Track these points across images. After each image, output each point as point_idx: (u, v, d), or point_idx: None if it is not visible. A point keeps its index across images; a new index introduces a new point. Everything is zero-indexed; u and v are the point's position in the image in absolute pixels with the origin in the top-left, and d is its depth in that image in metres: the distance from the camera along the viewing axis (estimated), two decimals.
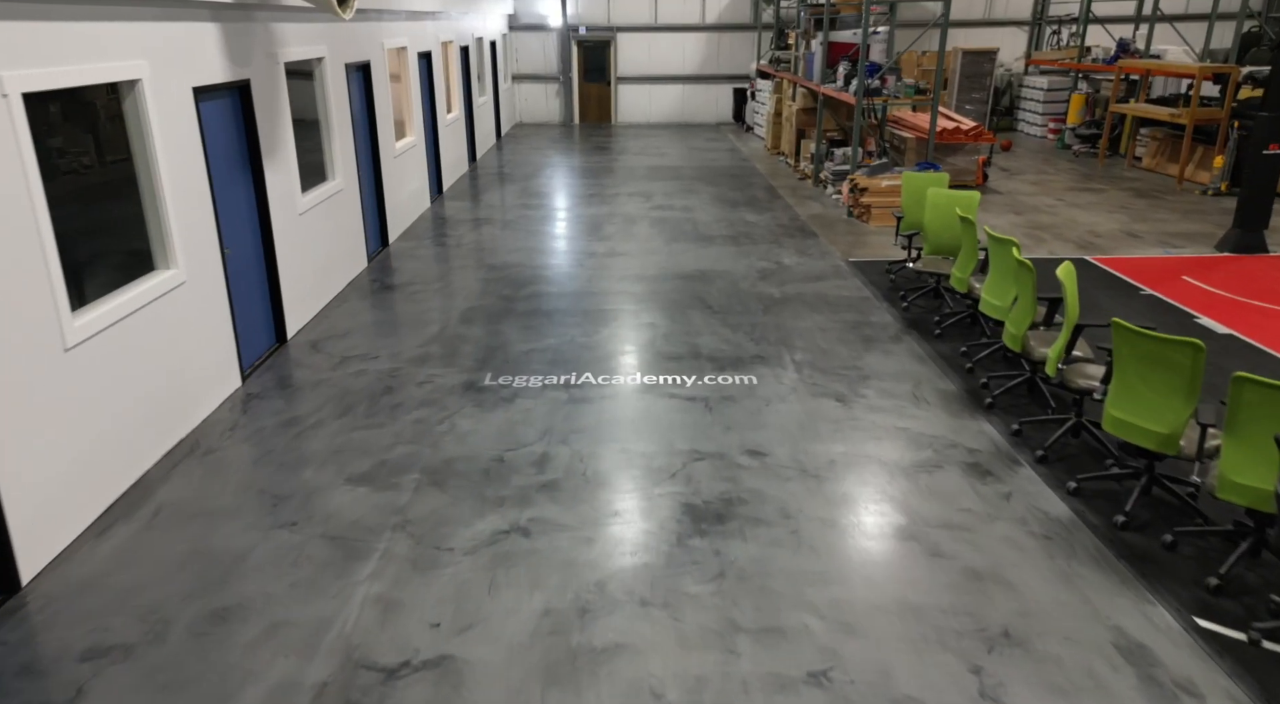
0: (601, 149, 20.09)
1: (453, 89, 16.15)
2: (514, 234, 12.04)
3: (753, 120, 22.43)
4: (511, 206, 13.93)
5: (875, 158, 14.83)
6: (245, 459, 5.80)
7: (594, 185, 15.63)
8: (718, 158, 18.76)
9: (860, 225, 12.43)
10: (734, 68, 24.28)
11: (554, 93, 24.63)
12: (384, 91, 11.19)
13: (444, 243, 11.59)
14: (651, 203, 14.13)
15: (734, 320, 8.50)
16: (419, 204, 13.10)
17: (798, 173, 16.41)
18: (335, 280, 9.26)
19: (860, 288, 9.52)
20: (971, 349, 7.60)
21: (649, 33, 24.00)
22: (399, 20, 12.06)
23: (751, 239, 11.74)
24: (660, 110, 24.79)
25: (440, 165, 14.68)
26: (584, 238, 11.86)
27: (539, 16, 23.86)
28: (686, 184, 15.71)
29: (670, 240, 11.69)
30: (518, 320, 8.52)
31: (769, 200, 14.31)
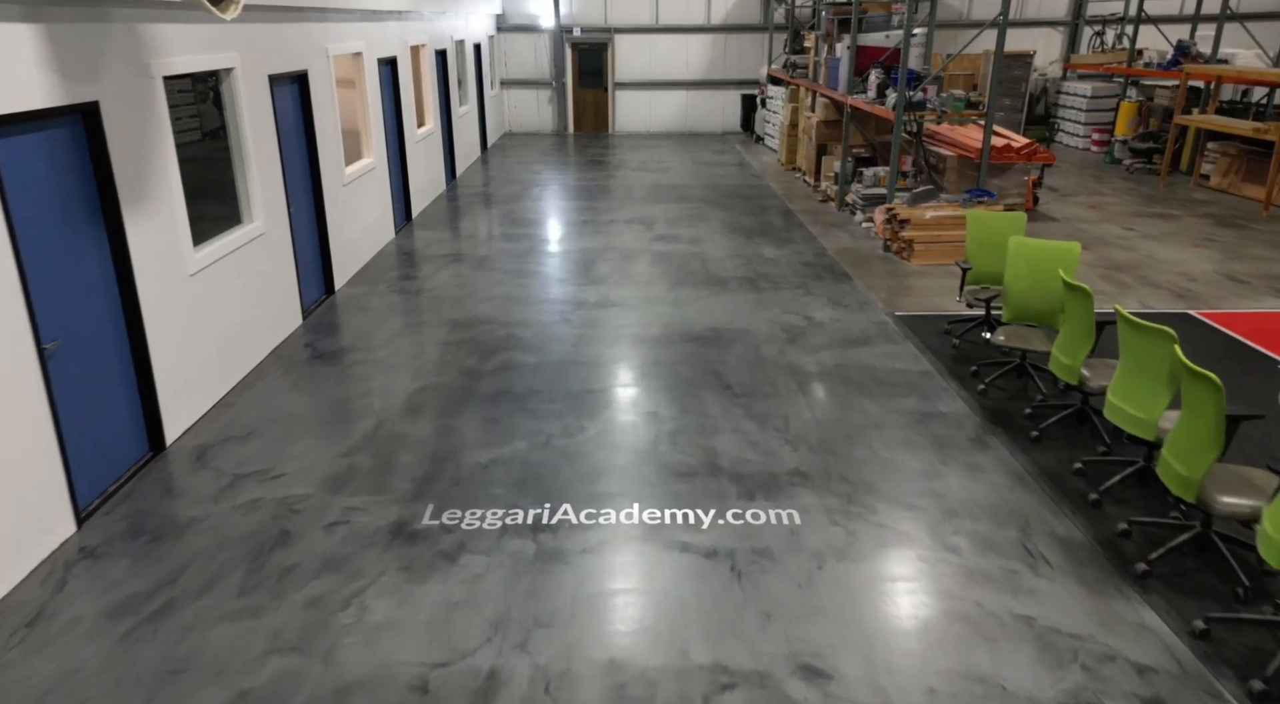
0: (597, 163, 18.13)
1: (426, 99, 14.19)
2: (489, 275, 10.07)
3: (763, 130, 20.47)
4: (490, 238, 11.96)
5: (910, 179, 12.87)
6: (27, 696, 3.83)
7: (587, 209, 13.66)
8: (726, 174, 16.79)
9: (900, 264, 10.46)
10: (742, 72, 22.32)
11: (546, 99, 22.68)
12: (328, 107, 9.23)
13: (403, 288, 9.61)
14: (653, 232, 12.16)
15: (761, 408, 6.53)
16: (378, 238, 11.13)
17: (818, 194, 14.44)
18: (249, 351, 7.29)
19: (916, 356, 7.55)
20: (1091, 467, 5.61)
21: (649, 34, 22.05)
22: (350, 21, 10.10)
23: (772, 282, 9.77)
24: (662, 118, 22.83)
25: (408, 189, 12.71)
26: (573, 280, 9.89)
27: (529, 17, 21.91)
28: (692, 207, 13.74)
29: (675, 284, 9.72)
30: (479, 409, 6.55)
31: (788, 228, 12.34)
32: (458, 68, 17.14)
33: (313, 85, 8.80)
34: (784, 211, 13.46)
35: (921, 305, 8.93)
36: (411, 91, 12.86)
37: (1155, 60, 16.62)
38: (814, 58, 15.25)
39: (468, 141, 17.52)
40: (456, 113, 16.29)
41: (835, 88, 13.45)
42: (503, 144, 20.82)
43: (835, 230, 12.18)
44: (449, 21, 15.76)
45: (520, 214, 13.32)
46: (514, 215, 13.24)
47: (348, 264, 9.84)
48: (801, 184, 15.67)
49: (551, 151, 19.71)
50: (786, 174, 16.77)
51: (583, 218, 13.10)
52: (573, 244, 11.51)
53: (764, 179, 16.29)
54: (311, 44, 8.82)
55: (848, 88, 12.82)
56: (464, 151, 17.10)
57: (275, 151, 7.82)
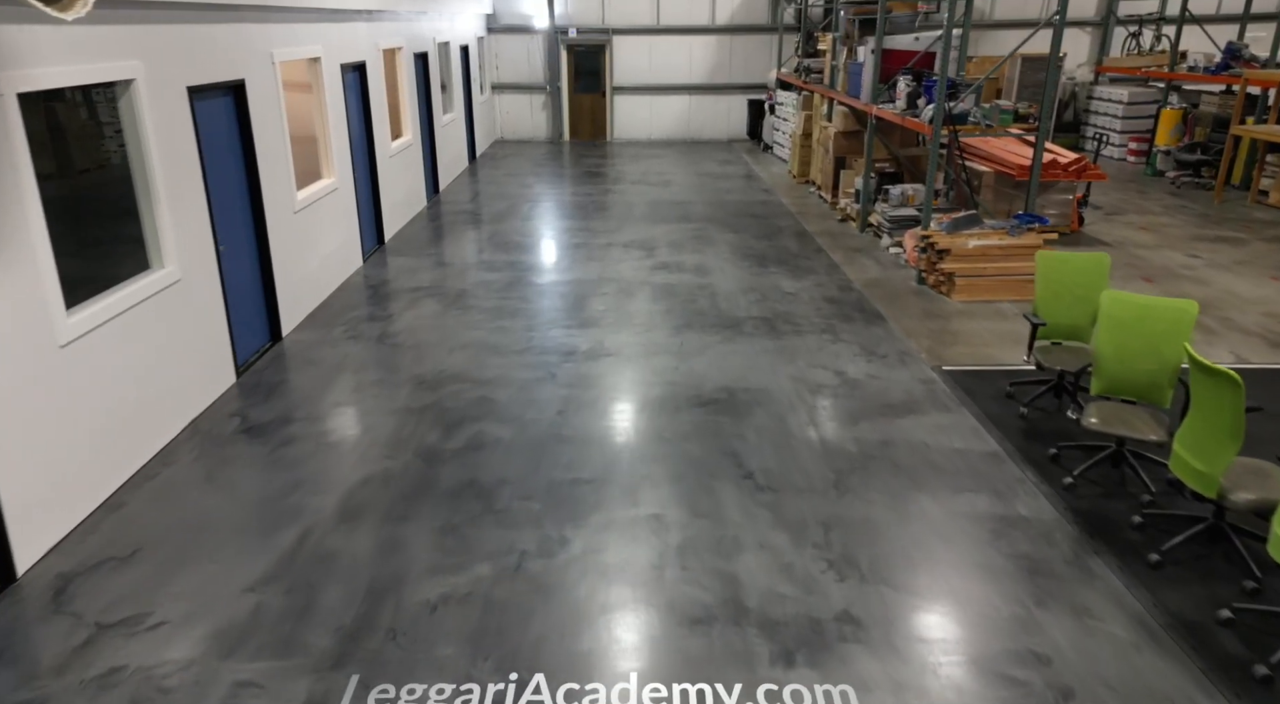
0: (593, 175, 16.76)
1: (404, 108, 12.83)
2: (465, 316, 8.70)
3: (772, 138, 19.11)
4: (470, 266, 10.58)
5: (942, 198, 11.50)
6: None
7: (581, 230, 12.30)
8: (734, 187, 15.42)
9: (939, 300, 9.08)
10: (749, 76, 20.95)
11: (540, 105, 21.31)
12: (273, 123, 7.86)
13: (364, 332, 8.24)
14: (654, 259, 10.79)
15: (792, 509, 5.16)
16: (341, 269, 9.76)
17: (837, 212, 13.07)
18: (154, 430, 5.93)
19: (977, 430, 6.18)
20: (1245, 617, 4.21)
21: (650, 35, 20.68)
22: (304, 21, 8.73)
23: (793, 324, 8.40)
24: (663, 125, 21.46)
25: (379, 210, 11.34)
26: (561, 322, 8.52)
27: (522, 17, 20.55)
28: (698, 228, 12.37)
29: (681, 326, 8.36)
30: (436, 510, 5.18)
31: (806, 254, 10.97)
32: (442, 72, 15.78)
33: (253, 98, 7.43)
34: (799, 233, 12.09)
35: (973, 356, 7.55)
36: (384, 100, 11.49)
37: (1201, 64, 15.24)
38: (831, 62, 13.89)
39: (453, 152, 16.16)
40: (439, 122, 14.93)
41: (857, 96, 12.08)
42: (493, 153, 19.45)
43: (859, 257, 10.81)
44: (431, 22, 14.40)
45: (507, 236, 11.95)
46: (500, 237, 11.87)
47: (300, 304, 8.47)
48: (816, 200, 14.30)
49: (545, 162, 18.35)
50: (799, 188, 15.40)
51: (576, 240, 11.74)
52: (564, 274, 10.14)
53: (775, 194, 14.93)
54: (250, 48, 7.45)
55: (872, 96, 11.46)
56: (449, 163, 15.74)
57: (198, 180, 6.45)
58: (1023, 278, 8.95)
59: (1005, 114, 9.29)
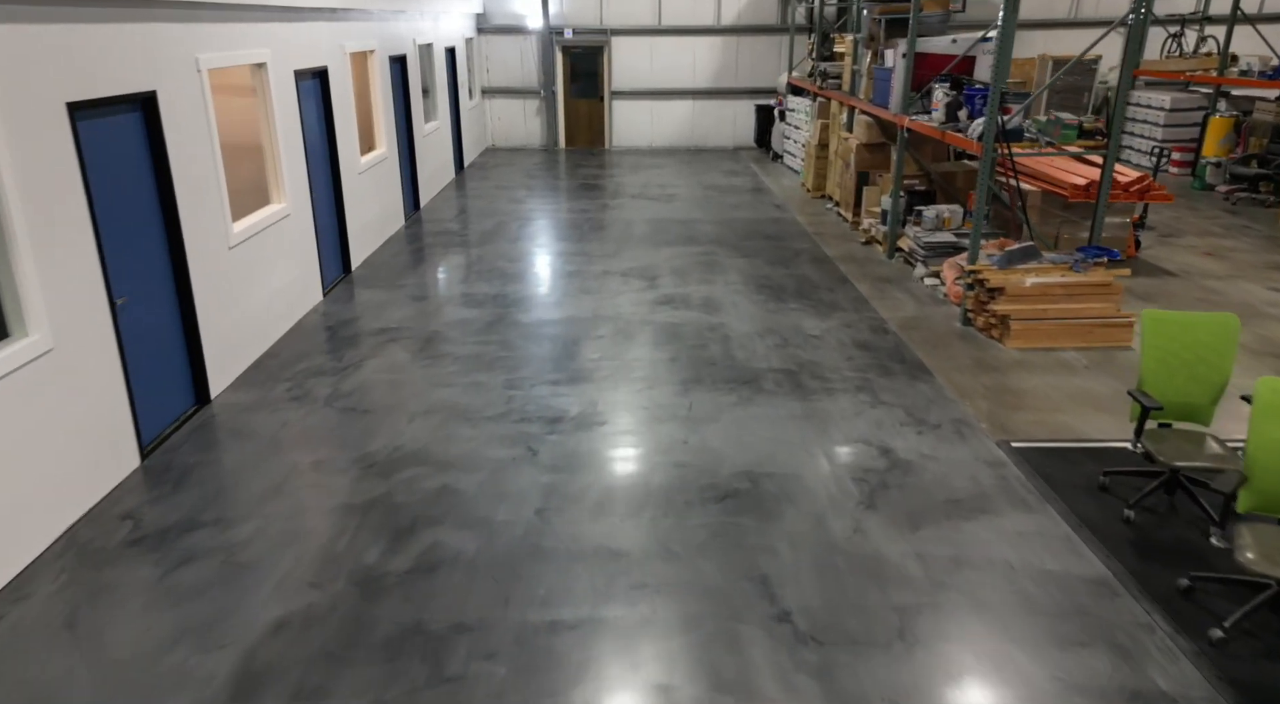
0: (590, 187, 15.42)
1: (377, 118, 11.49)
2: (434, 368, 7.37)
3: (782, 147, 17.77)
4: (447, 300, 9.24)
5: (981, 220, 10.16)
6: None
7: (575, 254, 10.96)
8: (743, 203, 14.08)
9: (992, 347, 7.75)
10: (756, 80, 19.61)
11: (534, 110, 19.98)
12: (196, 145, 6.52)
13: (310, 392, 6.90)
14: (657, 290, 9.46)
15: (848, 681, 3.81)
16: (292, 308, 8.43)
17: (860, 233, 11.72)
18: (20, 542, 4.59)
19: (1070, 541, 4.83)
20: None
21: (651, 36, 19.35)
22: (244, 20, 7.39)
23: (823, 378, 7.07)
24: (665, 132, 20.11)
25: (345, 235, 10.00)
26: (548, 375, 7.18)
27: (514, 17, 19.21)
28: (705, 252, 11.04)
29: (689, 381, 7.02)
30: (364, 681, 3.82)
31: (830, 285, 9.63)
32: (425, 77, 14.45)
33: (168, 113, 6.09)
34: (819, 259, 10.75)
35: (1045, 427, 6.21)
36: (351, 110, 10.15)
37: (1255, 67, 13.90)
38: (852, 67, 12.54)
39: (437, 163, 14.82)
40: (421, 131, 13.59)
41: (884, 105, 10.74)
42: (483, 162, 18.11)
43: (890, 289, 9.47)
44: (410, 22, 13.07)
45: (492, 261, 10.61)
46: (484, 263, 10.53)
47: (237, 355, 7.13)
48: (835, 218, 12.96)
49: (538, 172, 17.00)
50: (814, 203, 14.06)
51: (569, 267, 10.40)
52: (554, 310, 8.80)
53: (788, 210, 13.58)
54: (165, 54, 6.11)
55: (902, 106, 10.12)
56: (432, 176, 14.40)
57: (83, 219, 5.12)
58: (1090, 322, 7.61)
59: (1069, 129, 7.94)
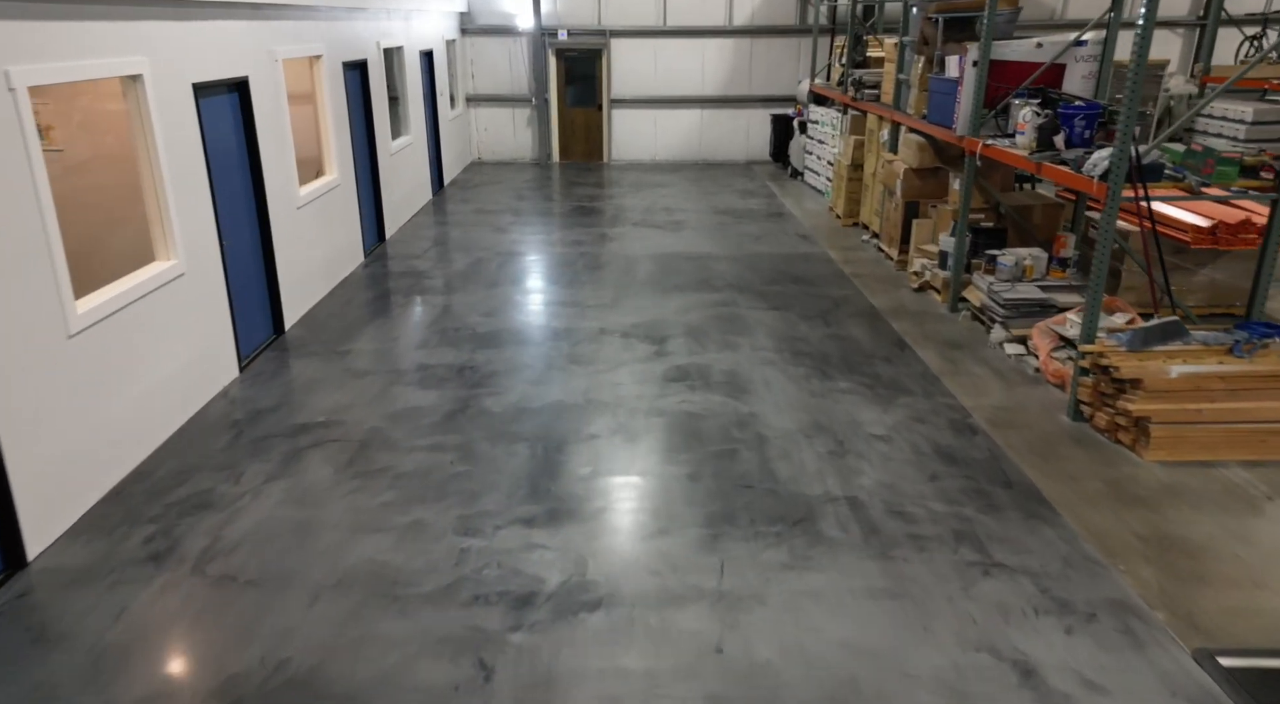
0: (586, 212, 13.41)
1: (325, 138, 9.49)
2: (362, 495, 5.36)
3: (803, 162, 15.75)
4: (395, 377, 7.22)
5: (1070, 268, 8.17)
6: None
7: (565, 306, 8.95)
8: (764, 233, 12.07)
9: (1122, 457, 5.74)
10: (772, 86, 17.61)
11: (524, 120, 17.98)
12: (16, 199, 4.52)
13: (176, 546, 4.87)
14: (667, 360, 7.45)
15: None
16: (186, 399, 6.41)
17: (911, 277, 9.70)
18: None
19: None
20: None
21: (655, 38, 17.35)
22: (111, 18, 5.38)
23: (903, 514, 5.06)
24: (670, 144, 18.11)
25: (276, 288, 7.98)
26: (519, 509, 5.17)
27: (502, 16, 17.22)
28: (723, 300, 9.03)
29: (718, 519, 5.00)
30: None
31: (885, 351, 7.63)
32: (395, 85, 12.45)
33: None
34: (865, 313, 8.74)
35: (1253, 618, 4.19)
36: (286, 131, 8.15)
37: None
38: (896, 75, 10.52)
39: (408, 186, 12.81)
40: (386, 150, 11.59)
41: (947, 124, 8.72)
42: (467, 180, 16.10)
43: (963, 360, 7.46)
44: (373, 22, 11.07)
45: (462, 317, 8.61)
46: (452, 320, 8.52)
47: (81, 487, 5.12)
48: (874, 253, 10.95)
49: (528, 192, 14.99)
50: (847, 233, 12.05)
51: (557, 323, 8.40)
52: (533, 392, 6.78)
53: (816, 242, 11.58)
54: None
55: (972, 126, 8.11)
56: (401, 201, 12.39)
57: None
58: (1263, 426, 5.60)
59: (1226, 164, 5.92)
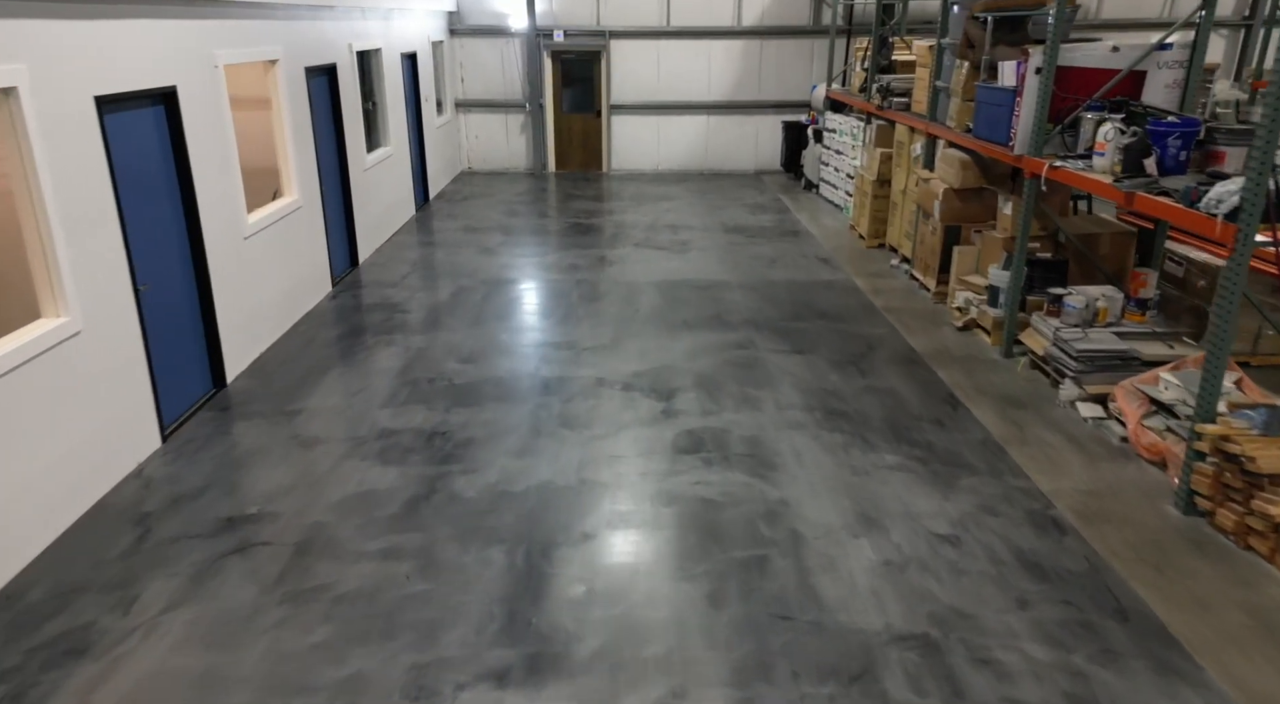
0: (583, 230, 12.22)
1: (283, 158, 8.30)
2: (283, 636, 4.16)
3: (818, 174, 14.56)
4: (350, 447, 6.00)
5: (1151, 311, 6.99)
6: None
7: (557, 347, 7.76)
8: (780, 255, 10.88)
9: (1256, 571, 4.55)
10: (784, 91, 16.42)
11: (518, 127, 16.79)
12: None
13: None
14: (675, 423, 6.25)
15: None
16: (84, 485, 5.21)
17: (954, 314, 8.50)
18: None
19: None
20: None
21: (658, 39, 16.16)
22: None
23: (991, 664, 3.87)
24: (674, 153, 16.92)
25: (215, 335, 6.79)
26: (486, 656, 3.97)
27: (495, 16, 16.03)
28: (739, 341, 7.84)
29: (752, 668, 3.81)
30: None
31: (936, 412, 6.42)
32: (374, 92, 11.27)
33: None
34: (905, 357, 7.55)
35: None
36: (230, 151, 6.96)
37: None
38: (933, 82, 9.32)
39: (387, 202, 11.62)
40: (360, 163, 10.40)
41: (997, 139, 7.53)
42: (455, 192, 14.91)
43: (1029, 422, 6.26)
44: (344, 22, 9.88)
45: (436, 363, 7.41)
46: (424, 367, 7.32)
47: None
48: (906, 281, 9.75)
49: (520, 206, 13.79)
50: (871, 256, 10.86)
51: (547, 371, 7.21)
52: (516, 468, 5.57)
53: (839, 266, 10.40)
54: None
55: (1034, 143, 6.92)
56: (379, 220, 11.21)
57: None
58: None
59: None
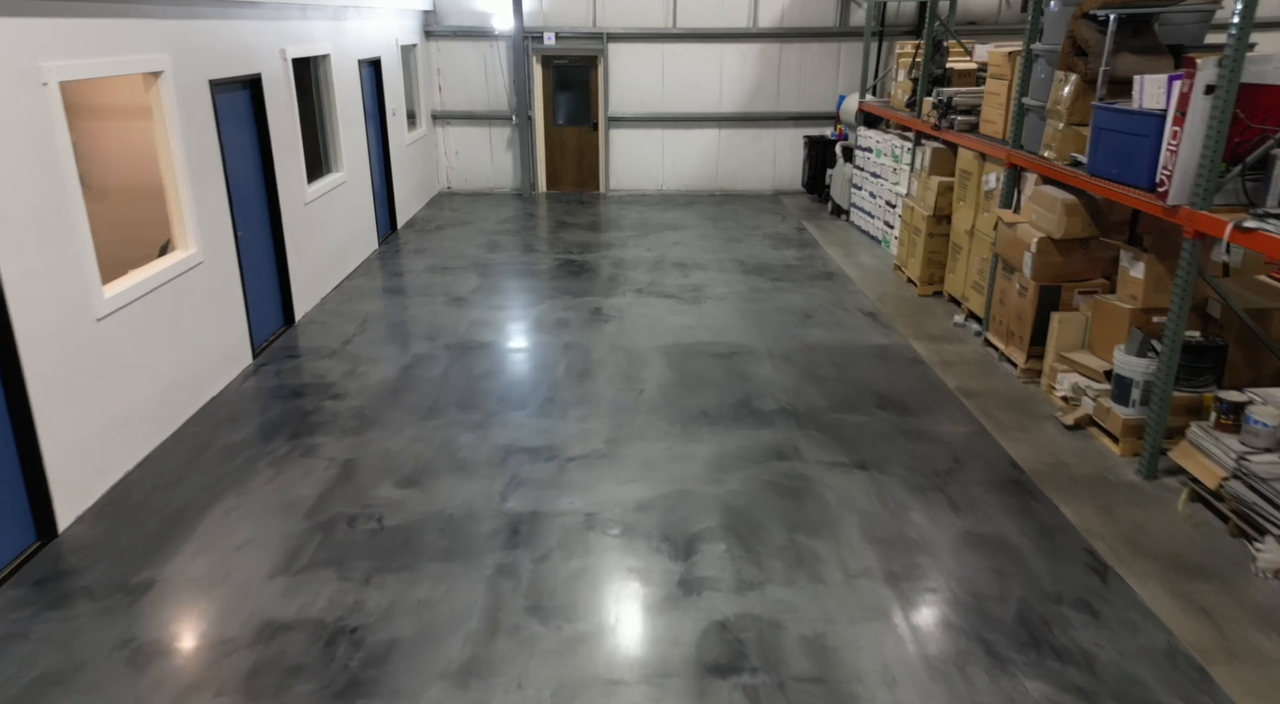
0: (574, 269, 10.21)
1: (177, 203, 6.28)
2: None
3: (849, 198, 12.56)
4: (218, 657, 3.92)
5: None
6: None
7: (531, 455, 5.72)
8: (815, 306, 8.86)
9: None
10: (807, 102, 14.43)
11: (504, 142, 14.79)
12: None
13: None
14: (698, 607, 4.22)
15: None
16: None
17: (1060, 406, 6.49)
18: None
19: None
20: None
21: (663, 43, 14.17)
22: None
23: None
24: (681, 171, 14.92)
25: (40, 470, 4.77)
26: None
27: (477, 16, 14.03)
28: (777, 446, 5.81)
29: None
30: None
31: (1078, 586, 4.40)
32: (320, 108, 9.27)
33: None
34: (1007, 478, 5.52)
35: None
36: (73, 200, 4.95)
37: None
38: (1018, 98, 7.31)
39: (337, 240, 9.60)
40: (298, 198, 8.39)
41: (1133, 180, 5.51)
42: (429, 219, 12.90)
43: (1229, 614, 4.25)
44: (274, 23, 7.87)
45: (365, 489, 5.37)
46: (346, 497, 5.28)
47: None
48: (978, 346, 7.74)
49: (503, 238, 11.78)
50: (926, 306, 8.86)
51: (515, 504, 5.19)
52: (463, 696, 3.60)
53: (888, 322, 8.39)
54: None
55: (1201, 191, 4.93)
56: (324, 264, 9.19)
57: None
58: None
59: None
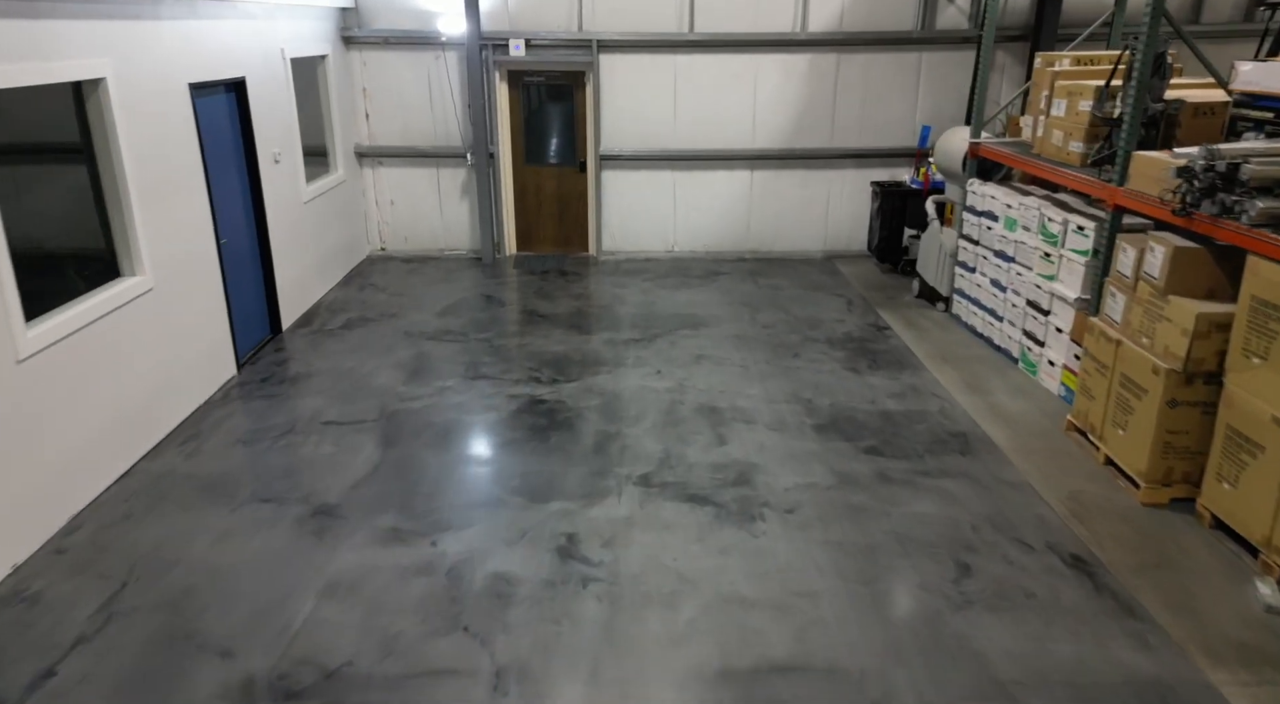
0: (539, 421, 6.15)
1: None
2: None
3: (950, 279, 8.54)
4: None
5: None
6: None
7: None
8: (962, 534, 4.81)
9: None
10: (875, 134, 10.44)
11: (457, 187, 10.77)
12: None
13: None
14: None
15: None
16: None
17: None
18: None
19: None
20: None
21: (674, 53, 10.16)
22: None
23: None
24: (700, 228, 10.90)
25: None
26: None
27: (416, 16, 10.02)
28: None
29: None
30: None
31: None
32: (109, 164, 5.23)
33: None
34: None
35: None
36: None
37: None
38: None
39: (137, 393, 5.54)
40: (23, 342, 4.35)
41: None
42: (340, 306, 8.84)
43: None
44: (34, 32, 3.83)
45: None
46: None
47: None
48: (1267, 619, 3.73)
49: (439, 347, 7.71)
50: (1169, 534, 4.82)
51: None
52: None
53: (1128, 598, 4.35)
54: None
55: None
56: (91, 445, 5.12)
57: None
58: None
59: None
